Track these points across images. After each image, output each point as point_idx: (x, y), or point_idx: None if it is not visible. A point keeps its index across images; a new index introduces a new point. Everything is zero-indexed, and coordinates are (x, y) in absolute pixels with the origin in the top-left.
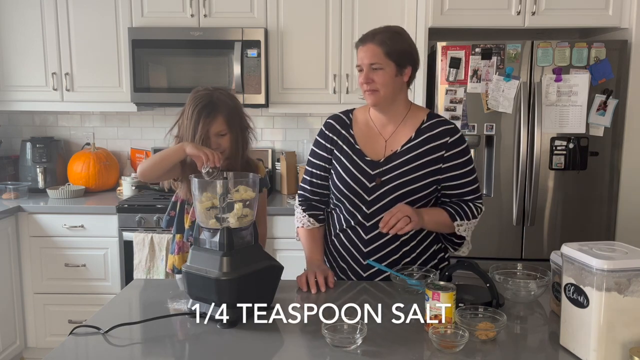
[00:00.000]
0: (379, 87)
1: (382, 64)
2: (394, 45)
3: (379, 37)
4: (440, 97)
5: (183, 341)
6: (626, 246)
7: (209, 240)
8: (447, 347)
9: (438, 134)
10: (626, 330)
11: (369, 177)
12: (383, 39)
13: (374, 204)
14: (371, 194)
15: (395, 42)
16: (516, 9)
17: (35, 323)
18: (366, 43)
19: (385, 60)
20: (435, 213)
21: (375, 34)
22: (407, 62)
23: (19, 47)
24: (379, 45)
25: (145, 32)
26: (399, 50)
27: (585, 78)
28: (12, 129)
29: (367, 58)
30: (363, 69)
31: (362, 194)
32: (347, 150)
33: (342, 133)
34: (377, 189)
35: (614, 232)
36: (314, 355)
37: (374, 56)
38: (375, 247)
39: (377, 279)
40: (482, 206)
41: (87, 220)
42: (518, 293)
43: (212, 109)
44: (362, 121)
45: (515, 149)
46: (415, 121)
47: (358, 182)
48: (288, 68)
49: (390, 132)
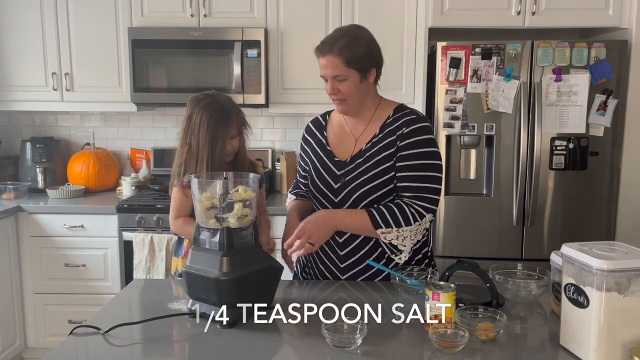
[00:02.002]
0: (346, 96)
1: (345, 75)
2: (353, 52)
3: (337, 46)
4: (440, 97)
5: (183, 341)
6: (626, 246)
7: (208, 241)
8: (447, 347)
9: (398, 126)
10: (626, 330)
11: (335, 177)
12: (341, 49)
13: (341, 205)
14: (337, 194)
15: (354, 48)
16: (516, 9)
17: (35, 323)
18: (325, 54)
19: (347, 70)
20: (357, 217)
21: (332, 43)
22: (369, 65)
23: (19, 47)
24: (338, 56)
25: (145, 32)
26: (359, 56)
27: (585, 78)
28: (12, 129)
29: (329, 70)
30: (328, 80)
31: (330, 195)
32: (319, 152)
33: (316, 135)
34: (343, 189)
35: (614, 232)
36: (314, 355)
37: (335, 68)
38: (350, 249)
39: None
40: (424, 212)
41: (87, 220)
42: (518, 293)
43: (227, 117)
44: (336, 122)
45: (515, 149)
46: (382, 117)
47: (325, 183)
48: (288, 68)
49: (360, 131)
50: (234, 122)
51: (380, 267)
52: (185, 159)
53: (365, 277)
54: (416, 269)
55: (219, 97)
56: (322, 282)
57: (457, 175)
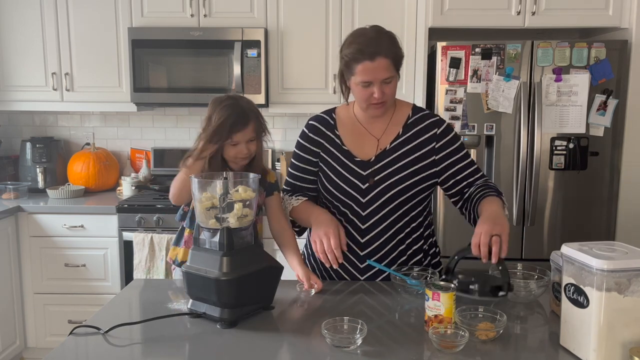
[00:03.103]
0: (389, 98)
1: (393, 76)
2: (396, 52)
3: (384, 47)
4: (440, 97)
5: (183, 341)
6: (626, 246)
7: (208, 241)
8: (447, 347)
9: (426, 127)
10: (626, 330)
11: (361, 178)
12: (388, 49)
13: (369, 206)
14: (365, 195)
15: (397, 49)
16: (516, 9)
17: (35, 323)
18: (375, 57)
19: (394, 71)
20: (494, 206)
21: (379, 44)
22: (400, 64)
23: (19, 47)
24: (390, 58)
25: (145, 32)
26: (399, 55)
27: (585, 78)
28: (12, 129)
29: (381, 73)
30: (372, 84)
31: (357, 196)
32: (335, 152)
33: (327, 134)
34: (372, 190)
35: (614, 232)
36: (313, 355)
37: (387, 70)
38: (372, 249)
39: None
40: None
41: (87, 220)
42: (518, 293)
43: (245, 118)
44: (347, 120)
45: (515, 149)
46: (402, 117)
47: (350, 184)
48: (288, 68)
49: (380, 130)
50: (251, 124)
51: (380, 267)
52: None
53: (383, 278)
54: (416, 268)
55: (240, 100)
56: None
57: None
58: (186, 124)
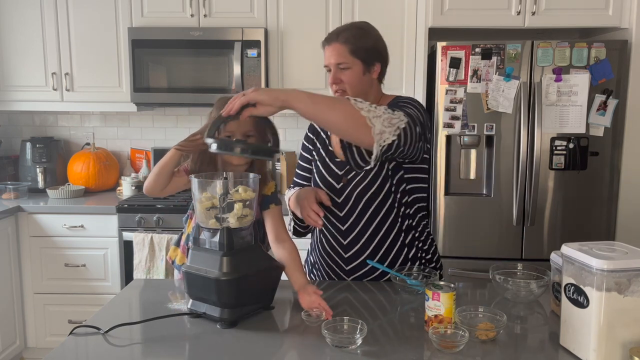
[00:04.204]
0: (347, 87)
1: (348, 63)
2: (359, 43)
3: (343, 35)
4: (440, 97)
5: (183, 341)
6: (626, 246)
7: (208, 241)
8: (447, 347)
9: None
10: (626, 330)
11: (337, 177)
12: (347, 37)
13: (345, 205)
14: (340, 194)
15: (360, 39)
16: (516, 9)
17: (35, 323)
18: (331, 42)
19: (351, 59)
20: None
21: (339, 32)
22: (374, 59)
23: (19, 47)
24: (344, 44)
25: (145, 32)
26: (365, 47)
27: (585, 78)
28: (12, 129)
29: (333, 58)
30: (331, 69)
31: (333, 197)
32: (322, 153)
33: (320, 135)
34: (345, 189)
35: (614, 232)
36: (313, 355)
37: (340, 55)
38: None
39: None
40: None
41: (87, 220)
42: (518, 293)
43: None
44: None
45: (515, 149)
46: None
47: (327, 184)
48: (288, 68)
49: None
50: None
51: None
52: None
53: (371, 279)
54: (416, 268)
55: None
56: (325, 282)
57: (457, 175)
58: (186, 124)
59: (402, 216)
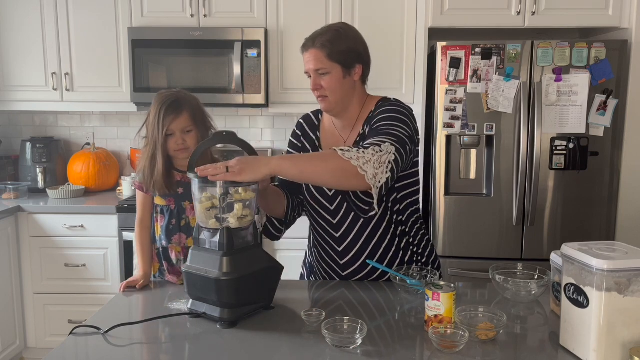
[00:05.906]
0: (328, 92)
1: (327, 68)
2: (336, 46)
3: (319, 40)
4: (440, 97)
5: (183, 341)
6: (626, 246)
7: (208, 241)
8: (447, 347)
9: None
10: (626, 330)
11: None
12: (324, 42)
13: (337, 212)
14: (333, 202)
15: (337, 42)
16: (516, 9)
17: (35, 323)
18: (308, 48)
19: (329, 64)
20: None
21: (315, 37)
22: (354, 61)
23: (19, 47)
24: (321, 49)
25: (145, 32)
26: (342, 50)
27: (585, 78)
28: (12, 129)
29: (311, 63)
30: (311, 75)
31: (326, 204)
32: None
33: (308, 134)
34: (338, 195)
35: (614, 232)
36: (314, 355)
37: (317, 61)
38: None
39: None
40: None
41: (87, 220)
42: (518, 293)
43: (177, 106)
44: (327, 123)
45: (515, 149)
46: (367, 113)
47: (319, 191)
48: (288, 68)
49: (348, 132)
50: (184, 114)
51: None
52: (142, 157)
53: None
54: (416, 269)
55: (179, 93)
56: (325, 282)
57: (457, 175)
58: None
59: (395, 223)
